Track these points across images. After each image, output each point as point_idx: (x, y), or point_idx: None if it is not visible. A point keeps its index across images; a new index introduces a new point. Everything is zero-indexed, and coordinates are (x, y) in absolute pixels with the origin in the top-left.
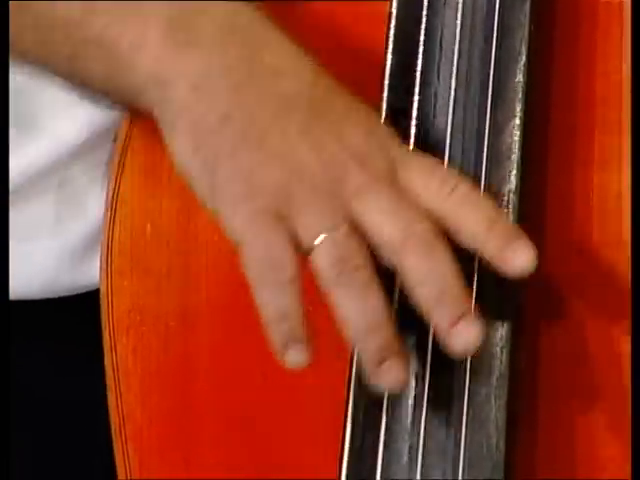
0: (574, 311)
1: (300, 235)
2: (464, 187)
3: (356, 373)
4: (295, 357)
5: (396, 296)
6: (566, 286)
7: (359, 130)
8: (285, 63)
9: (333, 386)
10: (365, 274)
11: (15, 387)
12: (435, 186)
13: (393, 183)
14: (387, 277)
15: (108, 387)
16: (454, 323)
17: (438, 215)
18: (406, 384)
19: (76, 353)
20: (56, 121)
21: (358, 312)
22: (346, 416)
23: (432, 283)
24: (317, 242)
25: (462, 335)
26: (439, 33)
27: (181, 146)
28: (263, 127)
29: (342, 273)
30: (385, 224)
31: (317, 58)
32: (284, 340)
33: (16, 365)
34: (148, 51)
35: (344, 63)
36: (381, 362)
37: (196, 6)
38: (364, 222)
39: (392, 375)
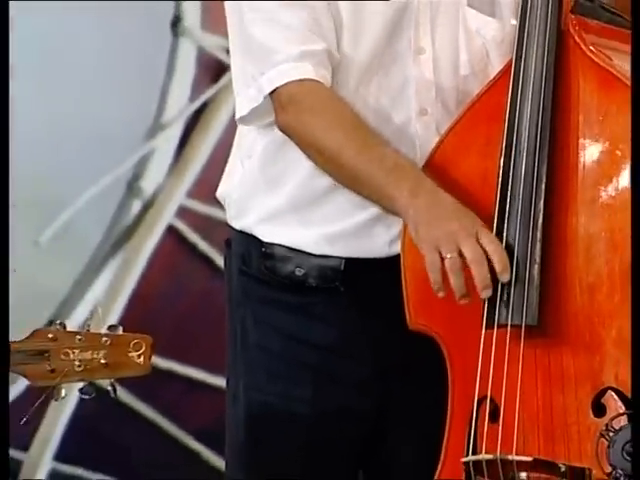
0: None
1: (444, 253)
2: (492, 240)
3: None
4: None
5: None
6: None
7: (465, 219)
8: (445, 203)
9: None
10: (460, 269)
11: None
12: (486, 242)
13: (474, 238)
14: None
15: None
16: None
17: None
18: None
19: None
20: None
21: (458, 282)
22: None
23: (480, 275)
24: (447, 256)
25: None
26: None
27: (412, 226)
28: (435, 218)
29: (452, 268)
30: (467, 252)
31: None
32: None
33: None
34: (402, 202)
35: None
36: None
37: (421, 182)
38: (463, 252)
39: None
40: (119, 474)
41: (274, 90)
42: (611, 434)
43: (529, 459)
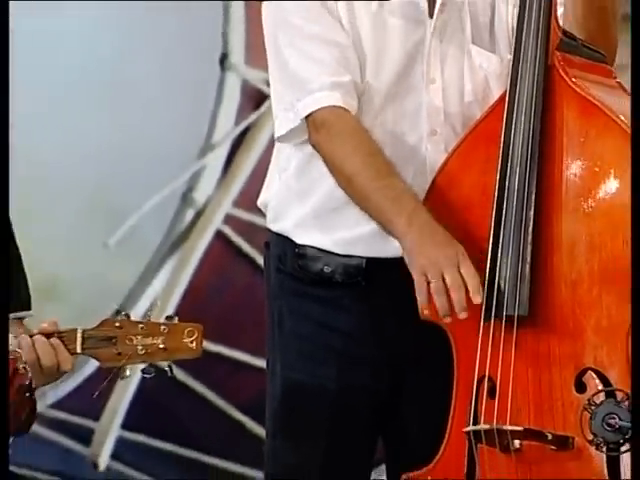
0: None
1: (430, 278)
2: (470, 270)
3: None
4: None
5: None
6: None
7: (449, 249)
8: (434, 234)
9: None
10: (443, 291)
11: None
12: (465, 270)
13: (456, 268)
14: None
15: None
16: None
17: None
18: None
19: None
20: None
21: (441, 303)
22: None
23: (458, 298)
24: (432, 281)
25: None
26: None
27: (406, 252)
28: (425, 247)
29: (436, 291)
30: (448, 279)
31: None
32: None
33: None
34: (399, 229)
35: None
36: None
37: (417, 213)
38: (445, 278)
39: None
40: (175, 440)
41: (309, 114)
42: (593, 408)
43: (520, 429)
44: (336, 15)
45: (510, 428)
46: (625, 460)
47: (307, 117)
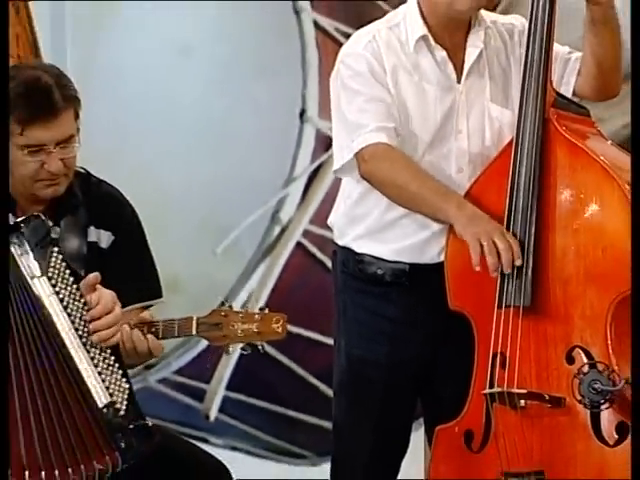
0: None
1: (482, 242)
2: (513, 239)
3: None
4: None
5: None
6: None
7: (496, 224)
8: (481, 215)
9: None
10: (494, 251)
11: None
12: (510, 239)
13: (503, 235)
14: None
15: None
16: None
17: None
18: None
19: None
20: None
21: (493, 260)
22: None
23: (506, 257)
24: (485, 244)
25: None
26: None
27: (460, 227)
28: (475, 224)
29: (488, 250)
30: (499, 243)
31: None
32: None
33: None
34: (451, 213)
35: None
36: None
37: (464, 202)
38: (495, 242)
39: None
40: (266, 398)
41: (359, 151)
42: (582, 376)
43: (524, 391)
44: (384, 82)
45: (517, 391)
46: (603, 415)
47: (357, 154)
